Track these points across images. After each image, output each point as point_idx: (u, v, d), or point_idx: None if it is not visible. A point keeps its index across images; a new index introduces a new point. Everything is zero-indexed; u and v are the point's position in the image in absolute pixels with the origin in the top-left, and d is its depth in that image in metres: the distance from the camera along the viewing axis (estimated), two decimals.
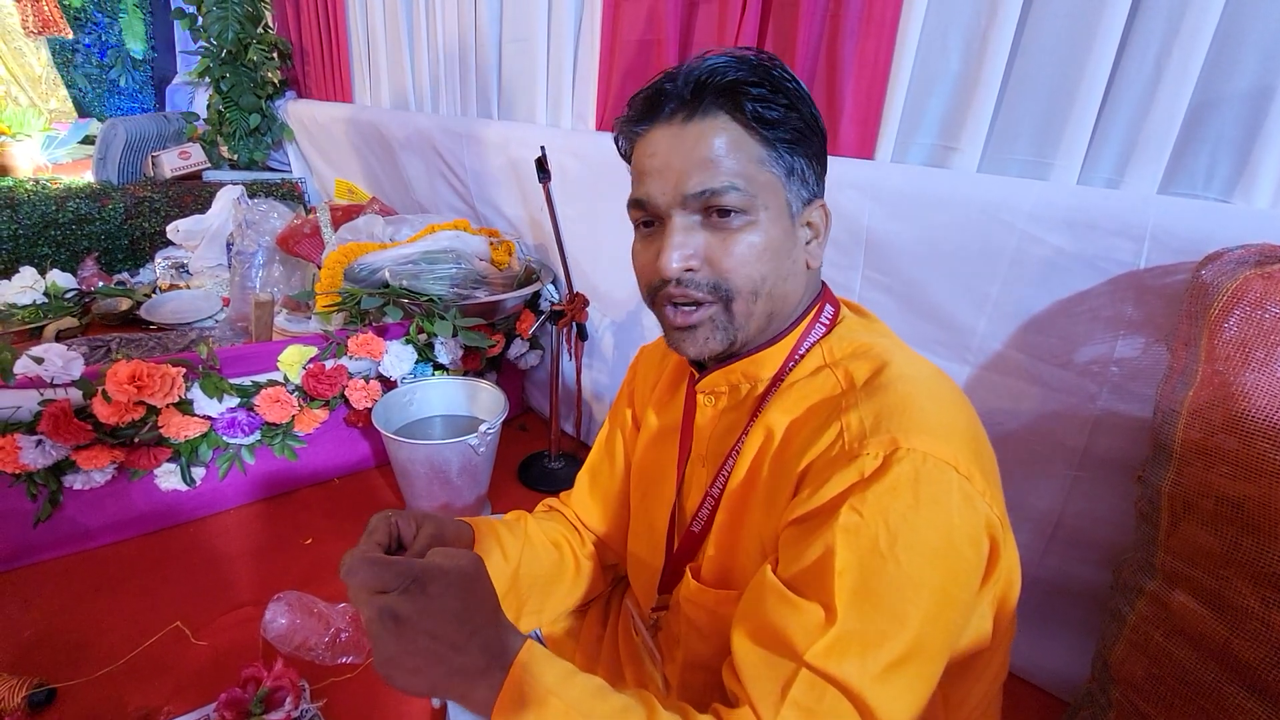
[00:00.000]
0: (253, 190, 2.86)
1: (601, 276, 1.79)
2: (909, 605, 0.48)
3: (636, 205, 0.62)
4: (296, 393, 1.55)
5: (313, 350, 1.56)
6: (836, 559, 0.49)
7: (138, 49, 4.05)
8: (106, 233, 2.60)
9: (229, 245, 2.40)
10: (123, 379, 1.30)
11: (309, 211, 2.19)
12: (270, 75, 3.17)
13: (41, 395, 1.27)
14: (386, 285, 1.69)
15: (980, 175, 1.14)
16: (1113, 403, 1.01)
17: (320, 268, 1.84)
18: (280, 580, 1.39)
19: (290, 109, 3.20)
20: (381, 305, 1.67)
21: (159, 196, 2.74)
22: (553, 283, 1.94)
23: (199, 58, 3.04)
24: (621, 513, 0.85)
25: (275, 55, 3.14)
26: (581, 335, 1.71)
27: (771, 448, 0.60)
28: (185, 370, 1.39)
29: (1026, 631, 0.87)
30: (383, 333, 1.64)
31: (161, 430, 1.39)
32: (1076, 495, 1.09)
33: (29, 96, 3.75)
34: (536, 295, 1.90)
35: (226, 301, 2.29)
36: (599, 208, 1.72)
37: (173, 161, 3.03)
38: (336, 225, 2.03)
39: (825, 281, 0.69)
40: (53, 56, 3.78)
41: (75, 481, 1.36)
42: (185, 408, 1.41)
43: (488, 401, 1.67)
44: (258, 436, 1.54)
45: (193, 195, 2.81)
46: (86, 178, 2.96)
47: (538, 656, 0.50)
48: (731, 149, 0.57)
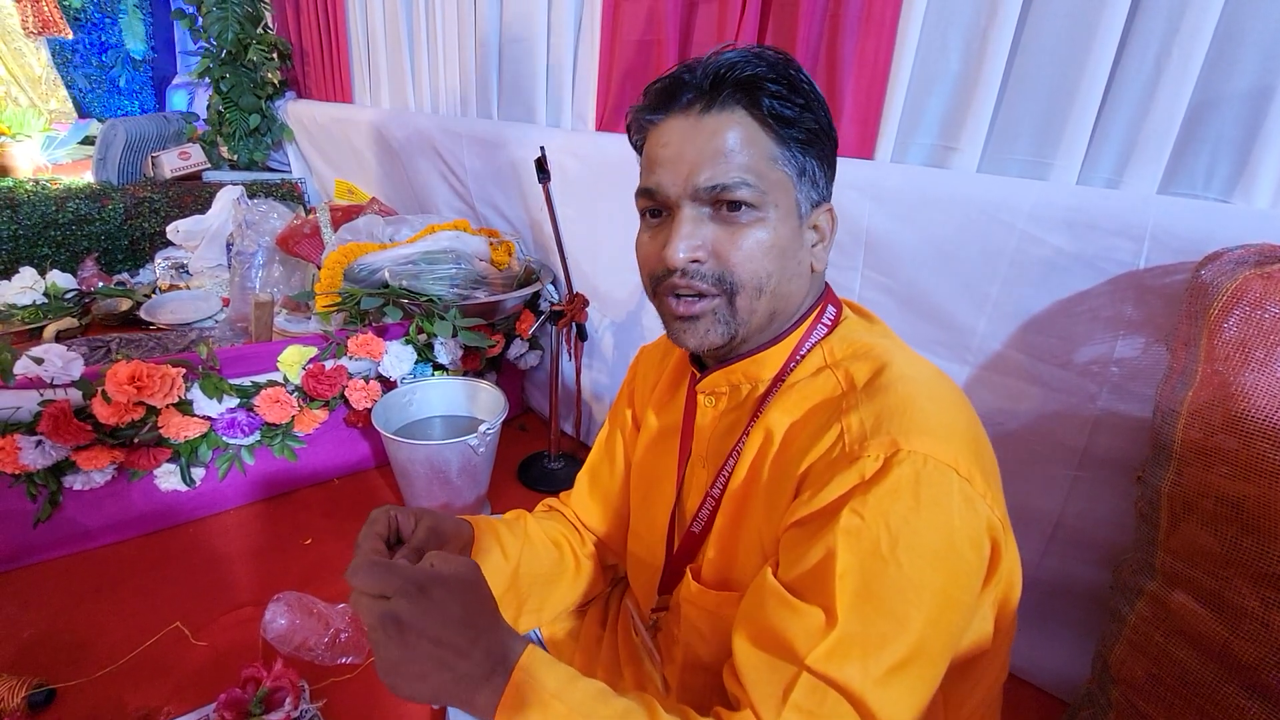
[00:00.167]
0: (252, 191, 2.86)
1: (601, 277, 1.79)
2: (910, 608, 0.48)
3: (646, 194, 0.61)
4: (296, 393, 1.55)
5: (312, 350, 1.55)
6: (838, 562, 0.49)
7: (138, 49, 4.05)
8: (106, 233, 2.61)
9: (229, 246, 2.40)
10: (122, 379, 1.30)
11: (309, 212, 2.19)
12: (270, 76, 3.17)
13: (41, 396, 1.27)
14: (386, 285, 1.69)
15: (980, 175, 1.14)
16: (1113, 403, 1.01)
17: (320, 268, 1.84)
18: (280, 580, 1.39)
19: (290, 109, 3.20)
20: (381, 305, 1.67)
21: (159, 197, 2.74)
22: (552, 283, 1.94)
23: (199, 58, 3.04)
24: (621, 513, 0.85)
25: (275, 55, 3.14)
26: (581, 335, 1.71)
27: (772, 449, 0.60)
28: (185, 371, 1.39)
29: (1026, 632, 0.87)
30: (382, 333, 1.64)
31: (161, 431, 1.39)
32: (1076, 495, 1.09)
33: (29, 97, 3.74)
34: (536, 295, 1.90)
35: (226, 302, 2.29)
36: (599, 208, 1.72)
37: (172, 162, 3.03)
38: (336, 225, 2.03)
39: (828, 283, 0.69)
40: (52, 57, 3.78)
41: (75, 482, 1.36)
42: (185, 408, 1.41)
43: (487, 402, 1.67)
44: (257, 437, 1.54)
45: (193, 196, 2.81)
46: (86, 178, 2.96)
47: (539, 660, 0.50)
48: (746, 144, 0.57)
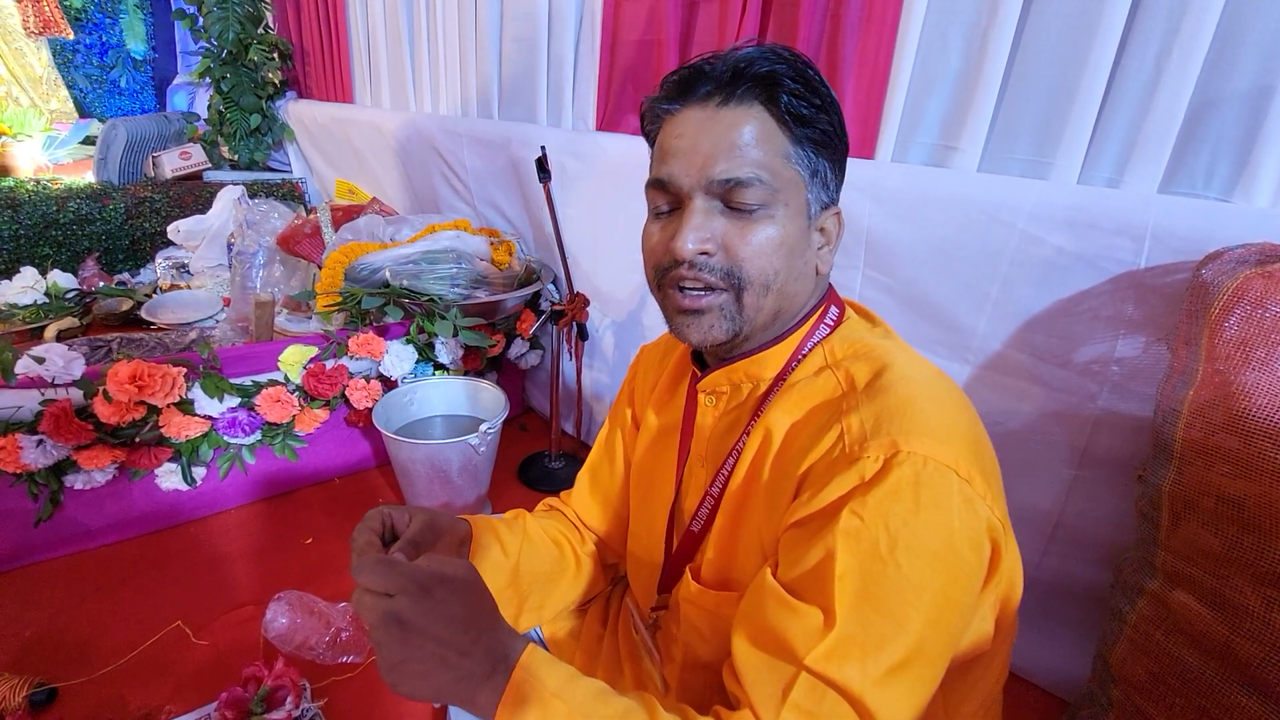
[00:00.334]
0: (253, 190, 2.86)
1: (602, 276, 1.79)
2: (909, 609, 0.48)
3: (657, 185, 0.61)
4: (297, 392, 1.55)
5: (313, 350, 1.56)
6: (837, 563, 0.49)
7: (138, 49, 4.05)
8: (107, 233, 2.61)
9: (229, 245, 2.40)
10: (123, 379, 1.30)
11: (310, 212, 2.19)
12: (271, 75, 3.17)
13: (43, 395, 1.28)
14: (387, 285, 1.69)
15: (980, 175, 1.14)
16: (1113, 402, 1.01)
17: (321, 268, 1.84)
18: (281, 580, 1.39)
19: (291, 109, 3.21)
20: (382, 305, 1.67)
21: (160, 197, 2.74)
22: (553, 282, 1.94)
23: (199, 58, 3.05)
24: (622, 512, 0.85)
25: (276, 55, 3.14)
26: (582, 335, 1.71)
27: (772, 449, 0.60)
28: (186, 370, 1.40)
29: (1027, 631, 0.87)
30: (383, 332, 1.64)
31: (162, 430, 1.39)
32: (1077, 495, 1.09)
33: (30, 97, 3.75)
34: (537, 295, 1.90)
35: (227, 301, 2.29)
36: (599, 207, 1.72)
37: (173, 162, 3.03)
38: (337, 225, 2.03)
39: (831, 284, 0.69)
40: (53, 57, 3.78)
41: (76, 481, 1.36)
42: (186, 407, 1.41)
43: (488, 401, 1.67)
44: (258, 436, 1.54)
45: (193, 195, 2.81)
46: (87, 178, 2.96)
47: (540, 659, 0.50)
48: (762, 140, 0.57)
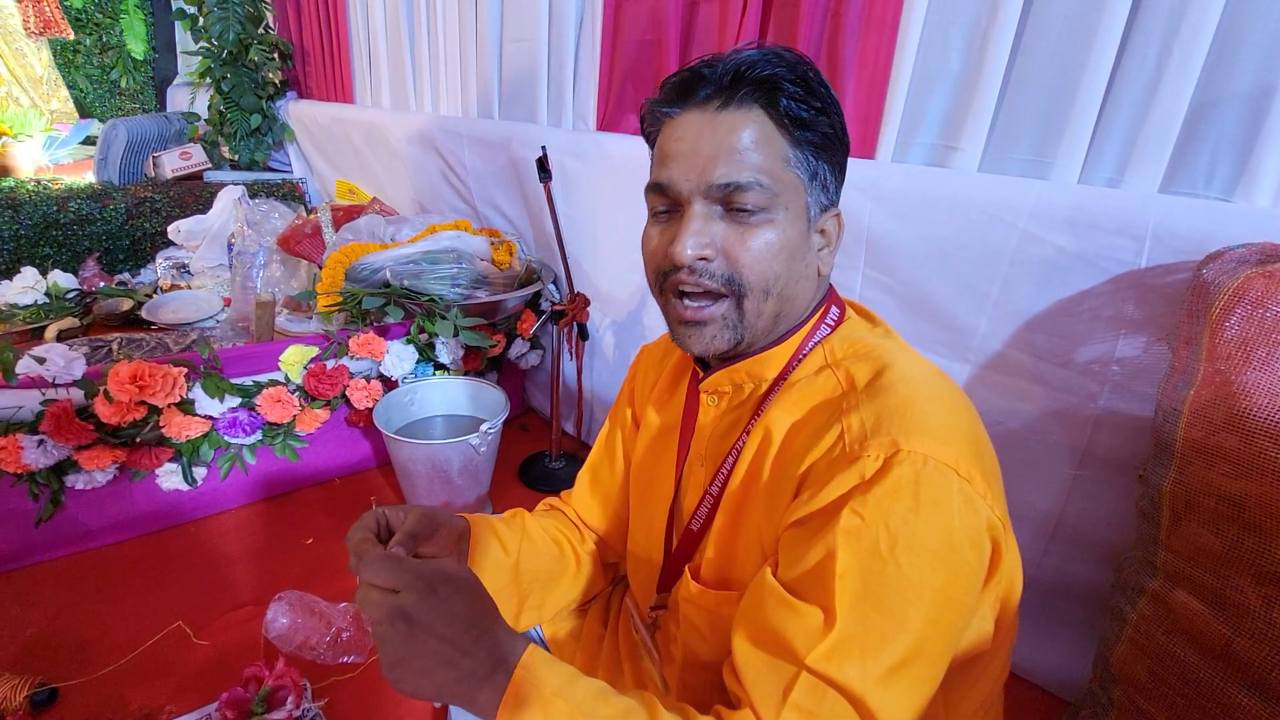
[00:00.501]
0: (254, 190, 2.86)
1: (602, 276, 1.79)
2: (910, 608, 0.48)
3: (656, 189, 0.61)
4: (298, 392, 1.55)
5: (314, 350, 1.56)
6: (837, 562, 0.49)
7: (139, 50, 4.05)
8: (108, 233, 2.61)
9: (230, 245, 2.41)
10: (124, 379, 1.30)
11: (310, 212, 2.19)
12: (271, 76, 3.17)
13: (43, 395, 1.28)
14: (388, 285, 1.69)
15: (981, 175, 1.14)
16: (1114, 402, 1.01)
17: (321, 268, 1.84)
18: (281, 580, 1.39)
19: (291, 109, 3.21)
20: (382, 305, 1.67)
21: (160, 197, 2.74)
22: (553, 282, 1.94)
23: (200, 58, 3.05)
24: (622, 512, 0.85)
25: (276, 56, 3.14)
26: (582, 335, 1.71)
27: (771, 449, 0.60)
28: (187, 370, 1.40)
29: (1027, 631, 0.87)
30: (384, 332, 1.64)
31: (163, 430, 1.39)
32: (1077, 494, 1.08)
33: (30, 97, 3.75)
34: (537, 295, 1.90)
35: (228, 301, 2.29)
36: (600, 207, 1.72)
37: (174, 162, 3.03)
38: (337, 225, 2.03)
39: (832, 284, 0.69)
40: (54, 57, 3.79)
41: (77, 481, 1.36)
42: (187, 407, 1.41)
43: (489, 401, 1.67)
44: (259, 436, 1.54)
45: (194, 196, 2.81)
46: (88, 178, 2.96)
47: (540, 659, 0.50)
48: (761, 143, 0.57)
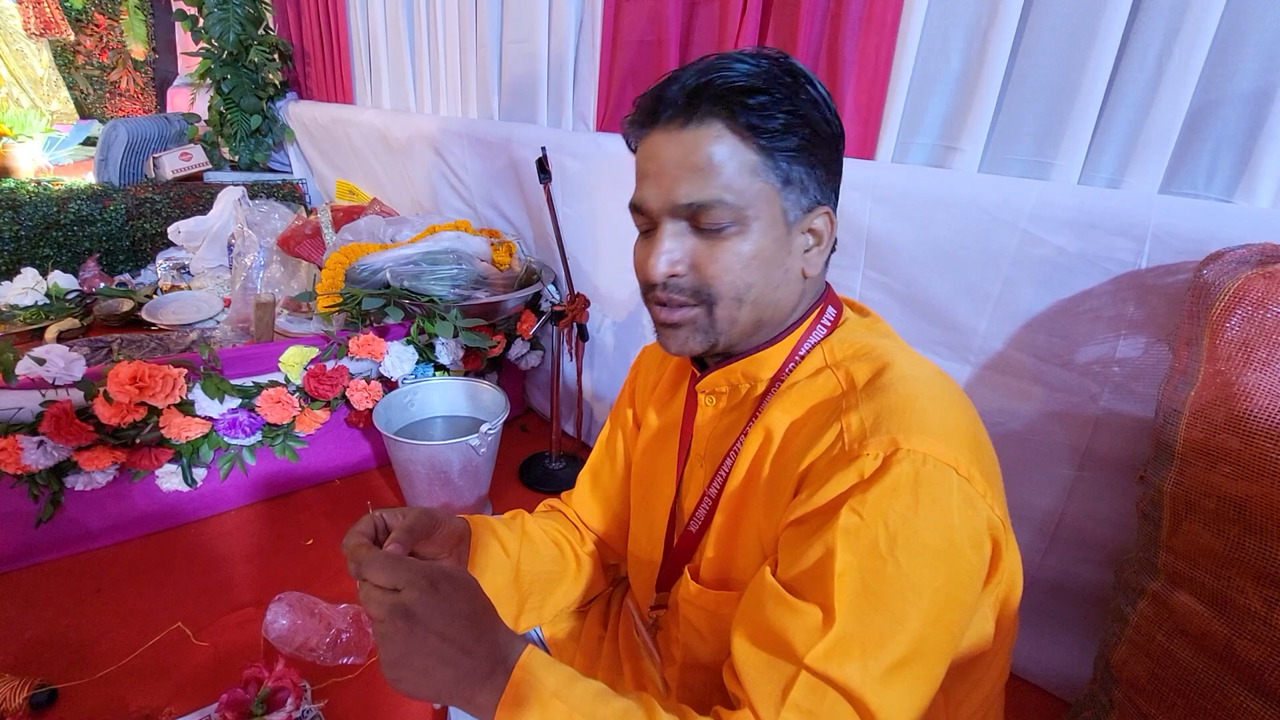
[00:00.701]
0: (254, 191, 2.86)
1: (602, 277, 1.79)
2: (909, 607, 0.48)
3: (634, 208, 0.62)
4: (298, 393, 1.55)
5: (314, 351, 1.56)
6: (836, 561, 0.49)
7: (139, 50, 4.06)
8: (108, 234, 2.61)
9: (230, 246, 2.41)
10: (124, 380, 1.30)
11: (310, 213, 2.19)
12: (271, 76, 3.17)
13: (43, 396, 1.28)
14: (387, 286, 1.69)
15: (981, 175, 1.14)
16: (1114, 402, 1.01)
17: (321, 268, 1.84)
18: (281, 581, 1.39)
19: (291, 110, 3.21)
20: (382, 306, 1.67)
21: (160, 198, 2.74)
22: (553, 283, 1.94)
23: (200, 59, 3.05)
24: (622, 513, 0.85)
25: (276, 57, 3.14)
26: (582, 336, 1.71)
27: (771, 448, 0.60)
28: (187, 371, 1.40)
29: (1028, 632, 0.87)
30: (384, 333, 1.64)
31: (163, 431, 1.39)
32: (1078, 495, 1.08)
33: (31, 98, 3.76)
34: (537, 296, 1.90)
35: (228, 302, 2.29)
36: (599, 208, 1.72)
37: (174, 163, 3.03)
38: (337, 226, 2.03)
39: (829, 283, 0.69)
40: (54, 58, 3.79)
41: (77, 482, 1.36)
42: (187, 408, 1.41)
43: (488, 402, 1.67)
44: (259, 437, 1.54)
45: (194, 196, 2.81)
46: (88, 179, 2.96)
47: (539, 660, 0.50)
48: (725, 159, 0.56)
